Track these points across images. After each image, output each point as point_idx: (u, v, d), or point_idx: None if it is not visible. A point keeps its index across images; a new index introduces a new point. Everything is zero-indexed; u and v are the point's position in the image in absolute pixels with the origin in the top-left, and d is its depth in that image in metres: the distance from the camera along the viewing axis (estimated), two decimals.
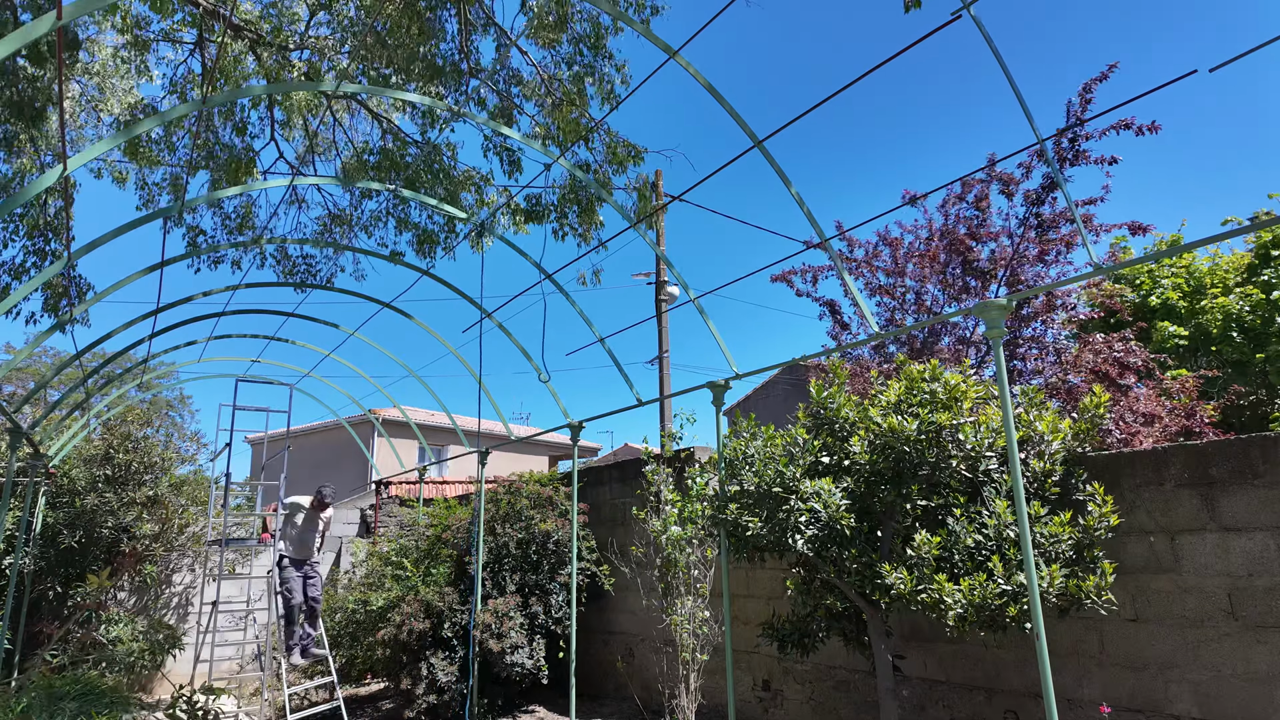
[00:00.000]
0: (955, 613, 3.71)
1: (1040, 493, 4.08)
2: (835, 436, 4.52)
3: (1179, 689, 3.96)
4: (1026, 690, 4.51)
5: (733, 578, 6.37)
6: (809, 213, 4.60)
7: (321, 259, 7.15)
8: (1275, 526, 3.73)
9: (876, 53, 33.31)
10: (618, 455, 25.03)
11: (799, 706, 5.83)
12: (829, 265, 8.37)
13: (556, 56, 5.85)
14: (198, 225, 6.52)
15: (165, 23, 5.92)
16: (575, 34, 5.53)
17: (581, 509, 7.65)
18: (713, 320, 5.62)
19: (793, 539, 4.15)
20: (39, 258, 5.98)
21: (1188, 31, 58.39)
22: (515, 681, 6.87)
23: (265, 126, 6.57)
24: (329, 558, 10.95)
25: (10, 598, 7.07)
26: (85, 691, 5.99)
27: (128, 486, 8.49)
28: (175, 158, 6.46)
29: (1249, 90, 53.82)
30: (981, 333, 7.59)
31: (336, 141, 7.02)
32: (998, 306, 3.63)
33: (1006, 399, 3.49)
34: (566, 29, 5.40)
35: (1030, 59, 58.26)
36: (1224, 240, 3.25)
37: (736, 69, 58.82)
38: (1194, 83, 40.02)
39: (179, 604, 9.66)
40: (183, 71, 6.29)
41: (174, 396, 16.86)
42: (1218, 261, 10.27)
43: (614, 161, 5.84)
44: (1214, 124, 59.57)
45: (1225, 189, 53.13)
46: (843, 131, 68.08)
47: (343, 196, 7.01)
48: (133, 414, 9.59)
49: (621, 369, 6.60)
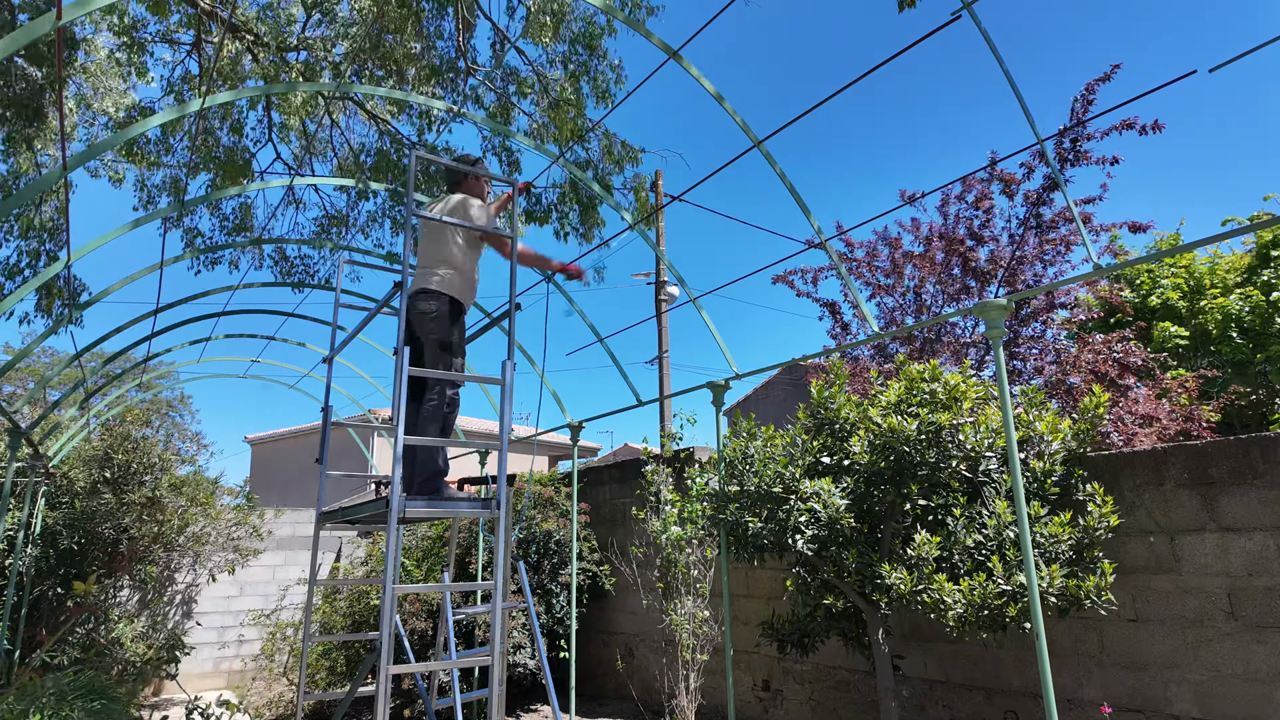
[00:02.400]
0: (955, 613, 3.71)
1: (1040, 493, 4.08)
2: (835, 436, 4.52)
3: (1179, 689, 3.96)
4: (1026, 690, 4.51)
5: (732, 578, 6.37)
6: (809, 213, 4.60)
7: (319, 259, 7.15)
8: (1275, 526, 3.73)
9: (877, 52, 33.31)
10: (618, 455, 25.03)
11: (799, 706, 5.83)
12: (829, 266, 8.36)
13: (552, 55, 5.86)
14: (195, 226, 6.53)
15: (162, 24, 5.91)
16: (572, 33, 5.53)
17: (582, 509, 7.65)
18: (713, 320, 5.61)
19: (793, 539, 4.15)
20: (34, 258, 5.98)
21: (1188, 32, 58.40)
22: (516, 681, 6.87)
23: (263, 128, 6.57)
24: (329, 557, 10.94)
25: (10, 598, 7.06)
26: (85, 693, 5.98)
27: (128, 487, 8.49)
28: (172, 158, 6.45)
29: (1249, 90, 53.83)
30: (981, 333, 7.59)
31: (334, 143, 7.02)
32: (997, 306, 3.63)
33: (1006, 399, 3.49)
34: (561, 30, 5.40)
35: (1030, 59, 58.27)
36: (1224, 240, 3.24)
37: (736, 70, 58.82)
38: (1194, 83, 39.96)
39: (182, 601, 9.66)
40: (180, 72, 6.28)
41: (174, 397, 16.85)
42: (1217, 262, 10.26)
43: (612, 161, 5.84)
44: (1213, 123, 59.62)
45: (1225, 188, 53.15)
46: (843, 131, 68.11)
47: (339, 197, 7.02)
48: (132, 414, 9.58)
49: (621, 369, 6.59)
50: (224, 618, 9.88)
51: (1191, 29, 57.73)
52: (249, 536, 9.59)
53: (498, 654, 3.22)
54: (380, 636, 2.91)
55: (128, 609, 9.02)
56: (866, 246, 8.44)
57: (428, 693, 4.71)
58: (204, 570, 9.70)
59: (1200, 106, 56.24)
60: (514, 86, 6.07)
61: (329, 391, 4.62)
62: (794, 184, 4.53)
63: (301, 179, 6.10)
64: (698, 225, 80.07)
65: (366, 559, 9.25)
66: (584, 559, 7.57)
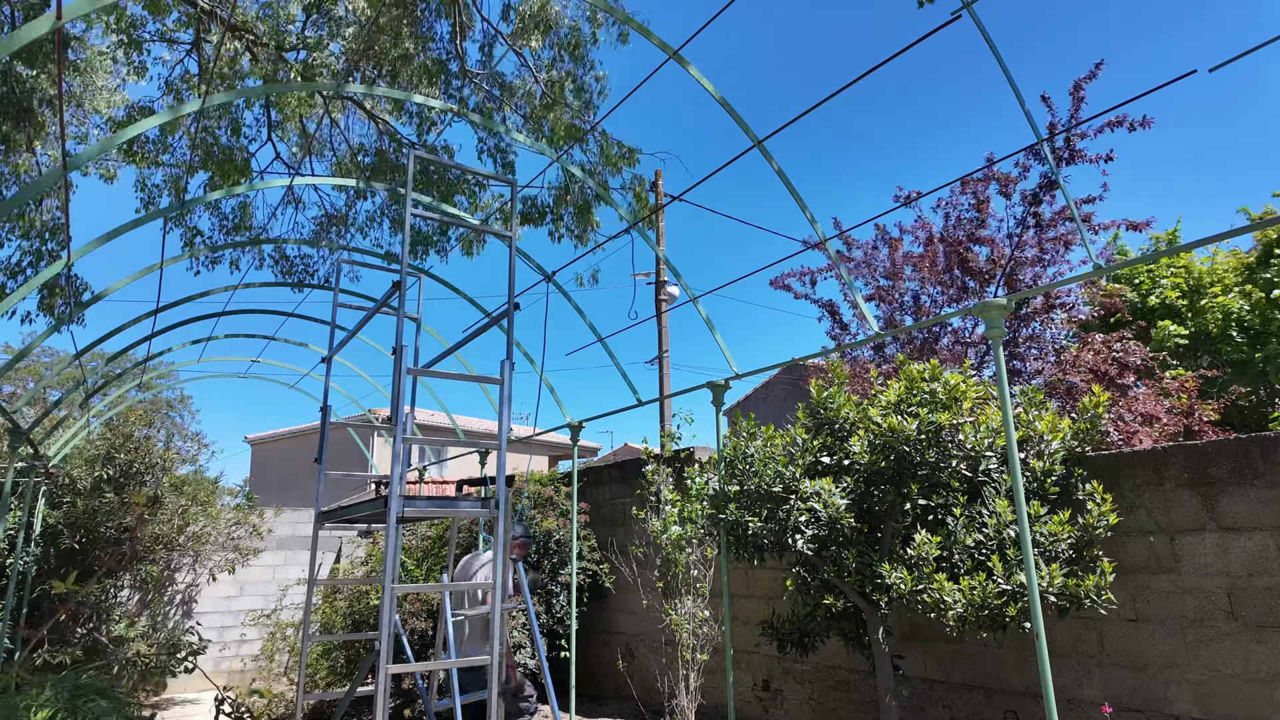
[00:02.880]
0: (955, 612, 3.71)
1: (1040, 492, 4.08)
2: (835, 436, 4.51)
3: (1179, 689, 3.96)
4: (1026, 690, 4.51)
5: (732, 578, 6.36)
6: (809, 212, 4.59)
7: (318, 259, 7.16)
8: (1275, 526, 3.73)
9: (877, 52, 33.29)
10: (617, 455, 25.03)
11: (799, 706, 5.83)
12: (827, 266, 8.36)
13: (548, 55, 5.86)
14: (195, 226, 6.52)
15: (160, 23, 5.91)
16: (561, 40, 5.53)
17: (582, 509, 7.64)
18: (713, 320, 5.61)
19: (793, 539, 4.14)
20: (35, 258, 5.98)
21: (1189, 31, 58.39)
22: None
23: (261, 128, 6.56)
24: (329, 557, 10.94)
25: (11, 598, 7.06)
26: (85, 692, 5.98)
27: (128, 487, 8.49)
28: (170, 158, 6.45)
29: (1249, 90, 53.82)
30: (981, 333, 7.59)
31: (333, 142, 7.02)
32: (997, 306, 3.63)
33: (1006, 399, 3.49)
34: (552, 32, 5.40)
35: (1031, 59, 58.23)
36: (1223, 240, 3.24)
37: (736, 70, 58.84)
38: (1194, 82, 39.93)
39: (183, 600, 9.67)
40: (179, 72, 6.28)
41: (174, 397, 16.84)
42: (1217, 261, 10.25)
43: (609, 163, 5.84)
44: (1213, 123, 59.63)
45: (1224, 187, 53.14)
46: (843, 131, 68.09)
47: (338, 197, 7.02)
48: (133, 414, 9.58)
49: (621, 369, 6.59)
50: (224, 618, 9.88)
51: (1191, 29, 57.73)
52: (249, 536, 9.59)
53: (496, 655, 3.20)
54: (379, 636, 2.90)
55: (128, 609, 9.02)
56: (865, 247, 8.44)
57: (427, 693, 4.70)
58: (204, 570, 9.70)
59: (1200, 106, 56.25)
60: (500, 90, 6.07)
61: (328, 391, 4.63)
62: (794, 184, 4.53)
63: (302, 179, 6.10)
64: (697, 225, 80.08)
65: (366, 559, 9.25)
66: (584, 559, 7.56)
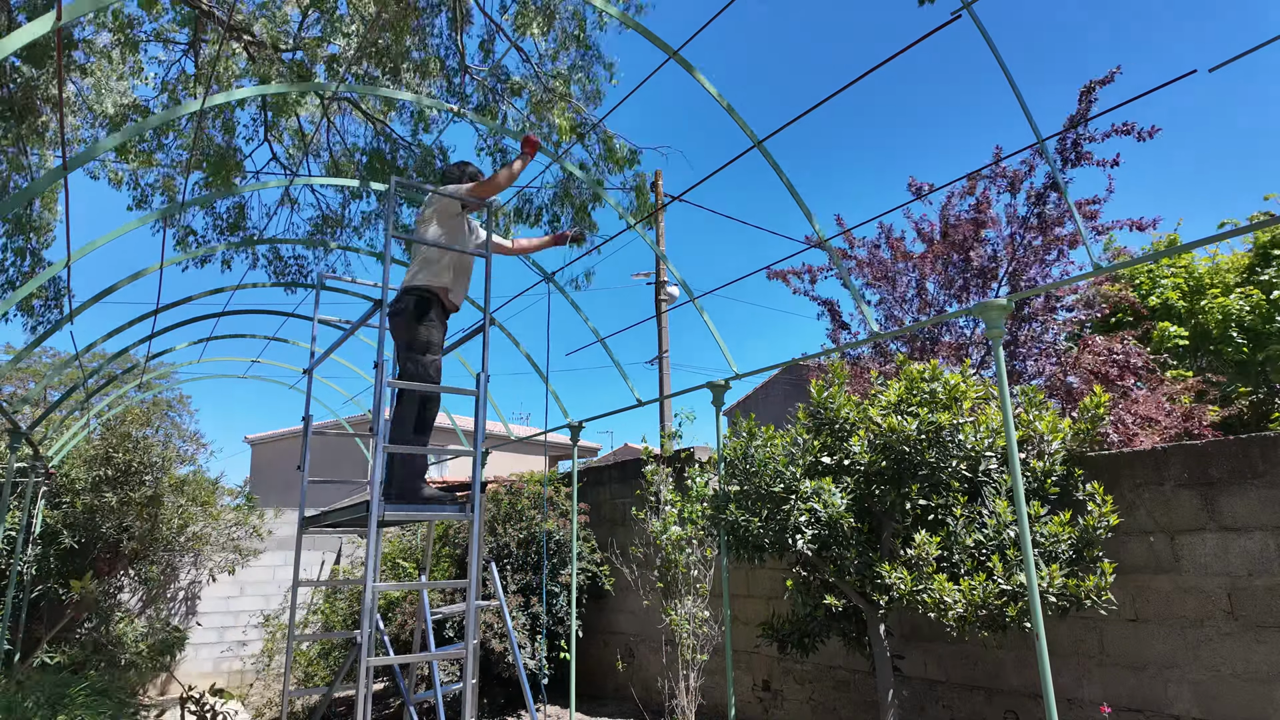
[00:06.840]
0: (955, 613, 3.70)
1: (1040, 493, 4.08)
2: (835, 436, 4.51)
3: (1179, 689, 3.95)
4: (1026, 690, 4.51)
5: (732, 578, 6.36)
6: (809, 213, 4.59)
7: (313, 259, 7.15)
8: (1275, 526, 3.72)
9: (877, 52, 33.31)
10: (617, 455, 25.02)
11: (799, 706, 5.83)
12: (828, 265, 8.35)
13: (550, 46, 5.84)
14: (188, 225, 6.51)
15: (156, 23, 5.90)
16: (565, 32, 5.52)
17: (582, 509, 7.64)
18: (713, 320, 5.60)
19: (793, 539, 4.14)
20: (19, 256, 5.95)
21: (1188, 31, 58.35)
22: (510, 681, 6.86)
23: (258, 127, 6.55)
24: (330, 558, 10.93)
25: (10, 598, 7.06)
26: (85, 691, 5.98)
27: (128, 487, 8.48)
28: (164, 157, 6.43)
29: (1249, 90, 53.77)
30: (981, 333, 7.58)
31: (329, 142, 7.01)
32: (998, 306, 3.62)
33: (1006, 399, 3.48)
34: (553, 27, 5.38)
35: (1031, 59, 58.23)
36: (1223, 240, 3.24)
37: (737, 70, 58.81)
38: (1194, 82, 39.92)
39: (183, 600, 9.67)
40: (176, 72, 6.27)
41: (173, 397, 16.81)
42: (1217, 261, 10.24)
43: (611, 160, 5.83)
44: (1213, 122, 59.57)
45: (1224, 186, 53.10)
46: (843, 130, 68.05)
47: (334, 198, 7.00)
48: (132, 414, 9.57)
49: (621, 369, 6.58)
50: (224, 618, 9.88)
51: (1192, 29, 57.69)
52: (249, 536, 9.59)
53: (470, 648, 3.39)
54: (361, 633, 3.08)
55: (129, 609, 9.02)
56: (866, 245, 8.42)
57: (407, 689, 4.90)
58: (204, 570, 9.70)
59: (1201, 105, 56.22)
60: (503, 84, 6.05)
61: (309, 402, 4.79)
62: (794, 183, 4.52)
63: (299, 179, 6.09)
64: (698, 225, 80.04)
65: None
66: (584, 559, 7.56)
